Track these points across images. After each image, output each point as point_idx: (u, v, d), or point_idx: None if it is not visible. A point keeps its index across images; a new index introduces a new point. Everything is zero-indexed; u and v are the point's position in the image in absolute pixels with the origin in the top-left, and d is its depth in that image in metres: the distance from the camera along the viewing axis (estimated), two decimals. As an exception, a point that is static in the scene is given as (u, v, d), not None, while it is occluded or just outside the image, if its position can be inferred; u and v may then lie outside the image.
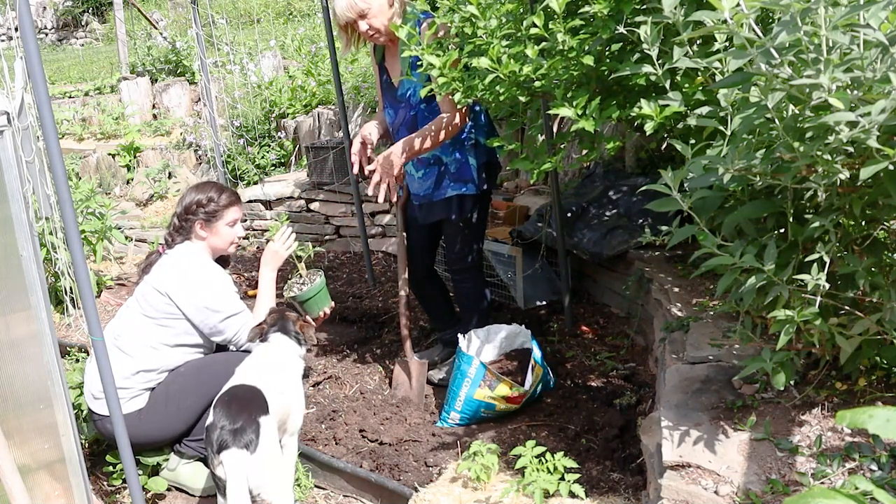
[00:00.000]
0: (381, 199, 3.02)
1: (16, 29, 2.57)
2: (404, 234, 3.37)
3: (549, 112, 2.65)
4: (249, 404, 2.32)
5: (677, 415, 2.06)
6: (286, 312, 2.77)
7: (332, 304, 3.06)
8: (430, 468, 2.69)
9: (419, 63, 2.72)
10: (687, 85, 2.13)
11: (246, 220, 5.93)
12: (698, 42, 2.07)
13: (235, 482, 2.20)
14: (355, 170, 3.16)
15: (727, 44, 1.89)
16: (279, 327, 2.68)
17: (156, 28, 9.90)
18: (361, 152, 3.15)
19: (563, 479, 2.29)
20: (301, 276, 3.03)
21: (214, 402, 2.37)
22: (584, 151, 2.66)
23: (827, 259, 1.70)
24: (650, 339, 3.26)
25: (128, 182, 7.20)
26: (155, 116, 8.16)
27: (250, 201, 5.91)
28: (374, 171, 2.99)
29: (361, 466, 2.75)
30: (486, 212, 3.31)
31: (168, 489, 2.85)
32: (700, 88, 2.08)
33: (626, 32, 2.14)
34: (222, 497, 2.27)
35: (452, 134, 3.00)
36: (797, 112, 1.64)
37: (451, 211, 3.17)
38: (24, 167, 2.24)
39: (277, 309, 2.81)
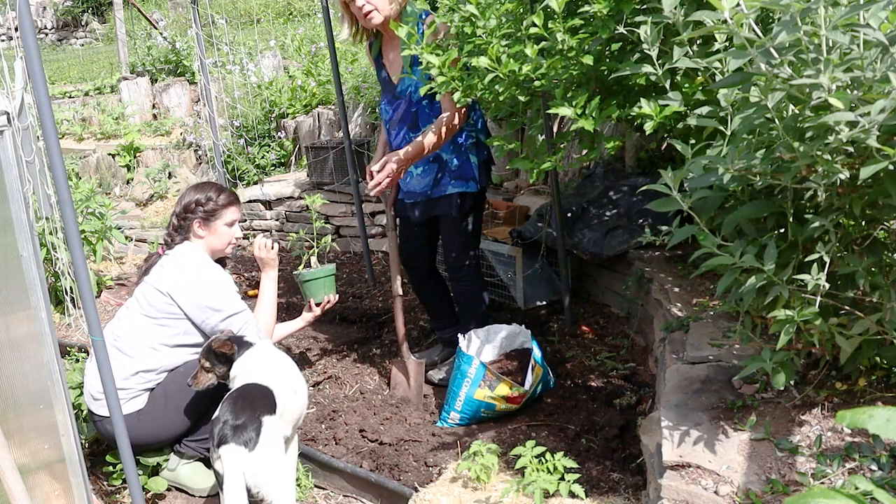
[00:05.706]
0: (376, 193, 3.02)
1: (16, 29, 2.57)
2: (396, 233, 3.38)
3: (549, 112, 2.65)
4: (255, 402, 2.33)
5: (677, 415, 2.06)
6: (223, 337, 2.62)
7: (337, 296, 3.14)
8: (430, 468, 2.69)
9: (420, 60, 2.72)
10: (687, 85, 2.12)
11: (245, 221, 5.93)
12: (698, 42, 2.07)
13: (232, 478, 2.21)
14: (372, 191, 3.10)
15: (727, 44, 1.89)
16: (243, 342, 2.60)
17: (156, 28, 9.89)
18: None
19: (563, 479, 2.29)
20: (311, 267, 3.15)
21: (225, 397, 2.38)
22: (584, 151, 2.67)
23: (827, 259, 1.70)
24: (650, 339, 3.26)
25: (128, 182, 7.20)
26: (155, 116, 8.16)
27: (250, 201, 5.91)
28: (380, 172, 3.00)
29: (361, 466, 2.74)
30: (482, 210, 3.32)
31: (168, 489, 2.85)
32: (700, 88, 2.08)
33: (626, 32, 2.14)
34: (222, 492, 2.28)
35: (453, 132, 3.01)
36: (797, 112, 1.64)
37: (450, 208, 3.17)
38: (24, 167, 2.24)
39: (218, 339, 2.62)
